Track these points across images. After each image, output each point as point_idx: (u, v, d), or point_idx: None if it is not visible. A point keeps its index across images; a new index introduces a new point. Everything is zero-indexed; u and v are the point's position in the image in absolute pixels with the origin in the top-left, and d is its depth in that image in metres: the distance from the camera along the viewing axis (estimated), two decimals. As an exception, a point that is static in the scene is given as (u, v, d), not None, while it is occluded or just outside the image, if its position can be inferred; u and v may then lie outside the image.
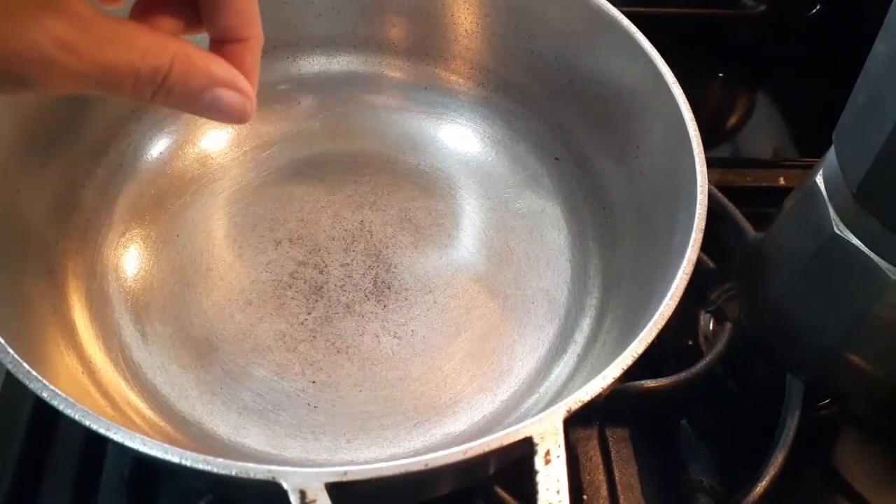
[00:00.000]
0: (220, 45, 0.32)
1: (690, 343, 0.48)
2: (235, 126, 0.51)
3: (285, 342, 0.44)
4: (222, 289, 0.46)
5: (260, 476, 0.29)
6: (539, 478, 0.30)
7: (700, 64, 0.64)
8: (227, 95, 0.30)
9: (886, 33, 0.33)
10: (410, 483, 0.33)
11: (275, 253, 0.47)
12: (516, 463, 0.35)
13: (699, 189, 0.38)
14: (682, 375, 0.44)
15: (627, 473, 0.43)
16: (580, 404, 0.32)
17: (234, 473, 0.29)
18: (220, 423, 0.41)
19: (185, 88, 0.29)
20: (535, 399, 0.42)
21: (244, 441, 0.41)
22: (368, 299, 0.46)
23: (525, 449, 0.31)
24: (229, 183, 0.50)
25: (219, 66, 0.30)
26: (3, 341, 0.32)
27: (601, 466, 0.43)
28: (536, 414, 0.31)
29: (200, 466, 0.29)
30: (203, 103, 0.29)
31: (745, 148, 0.64)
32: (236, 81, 0.30)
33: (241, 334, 0.44)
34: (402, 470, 0.29)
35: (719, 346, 0.46)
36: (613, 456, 0.44)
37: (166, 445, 0.30)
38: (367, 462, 0.35)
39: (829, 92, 0.43)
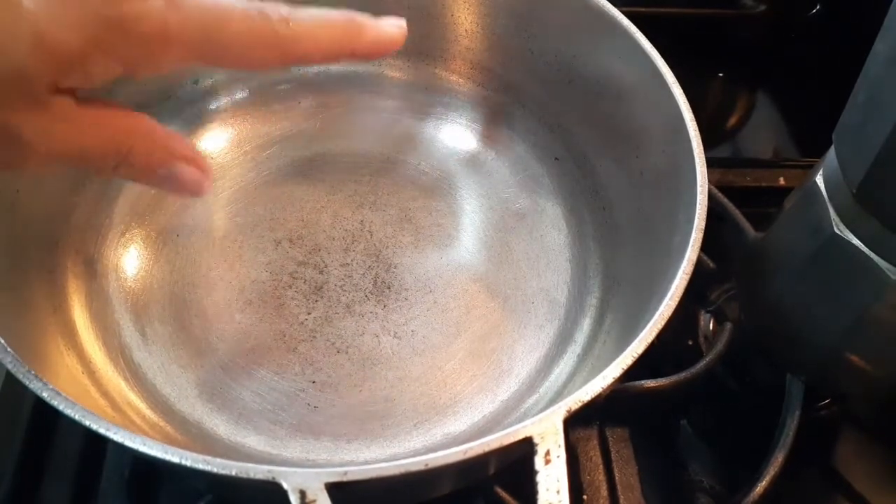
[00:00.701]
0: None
1: (690, 343, 0.48)
2: (235, 126, 0.51)
3: (285, 342, 0.44)
4: (222, 289, 0.46)
5: (260, 476, 0.29)
6: (539, 478, 0.30)
7: (700, 64, 0.64)
8: (184, 169, 0.32)
9: (886, 33, 0.33)
10: (410, 483, 0.33)
11: (275, 253, 0.47)
12: (516, 463, 0.35)
13: (699, 189, 0.38)
14: (682, 375, 0.44)
15: (627, 473, 0.43)
16: (580, 404, 0.32)
17: (234, 473, 0.29)
18: (220, 423, 0.41)
19: (145, 163, 0.31)
20: (535, 399, 0.42)
21: (244, 441, 0.41)
22: (368, 299, 0.46)
23: (525, 449, 0.31)
24: (229, 183, 0.50)
25: (178, 143, 0.32)
26: (3, 341, 0.32)
27: (601, 466, 0.43)
28: (536, 414, 0.31)
29: (200, 466, 0.29)
30: (161, 176, 0.32)
31: (745, 148, 0.64)
32: (194, 157, 0.32)
33: (241, 334, 0.44)
34: (402, 470, 0.29)
35: (719, 346, 0.46)
36: (613, 456, 0.44)
37: (166, 445, 0.30)
38: (367, 462, 0.35)
39: (829, 92, 0.43)
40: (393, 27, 0.33)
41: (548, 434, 0.30)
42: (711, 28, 0.68)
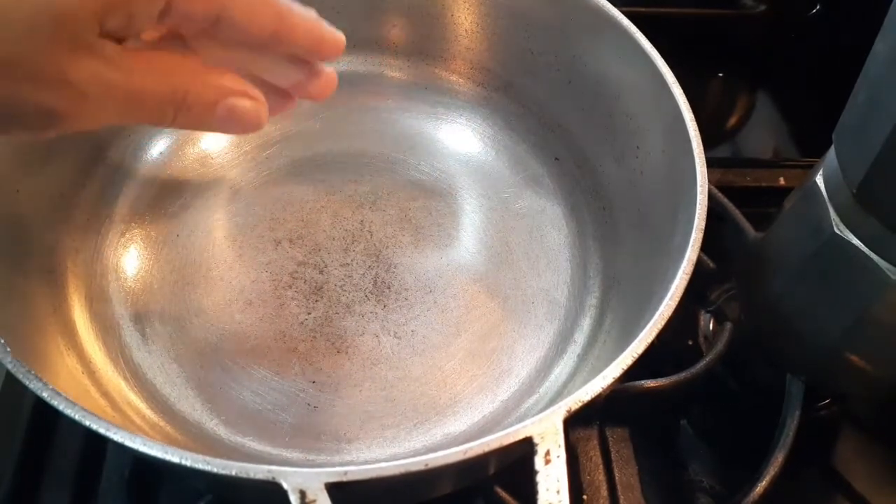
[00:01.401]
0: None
1: (690, 343, 0.48)
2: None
3: (285, 342, 0.44)
4: (222, 289, 0.46)
5: (260, 476, 0.29)
6: (539, 478, 0.30)
7: (700, 64, 0.64)
8: (241, 103, 0.31)
9: (886, 33, 0.33)
10: (410, 483, 0.33)
11: (275, 253, 0.47)
12: (516, 463, 0.35)
13: (699, 189, 0.38)
14: (682, 375, 0.44)
15: (627, 473, 0.43)
16: (580, 404, 0.32)
17: (234, 473, 0.29)
18: (220, 423, 0.41)
19: (201, 103, 0.30)
20: (535, 399, 0.42)
21: (244, 441, 0.41)
22: (368, 299, 0.46)
23: (525, 449, 0.31)
24: (229, 183, 0.50)
25: (231, 79, 0.31)
26: (3, 341, 0.32)
27: (601, 466, 0.43)
28: (536, 414, 0.31)
29: (200, 466, 0.29)
30: (218, 114, 0.31)
31: (745, 148, 0.64)
32: (247, 90, 0.32)
33: (241, 334, 0.44)
34: (402, 470, 0.29)
35: (719, 346, 0.46)
36: (613, 456, 0.44)
37: (166, 445, 0.30)
38: (367, 462, 0.35)
39: (829, 92, 0.43)
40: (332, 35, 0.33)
41: (548, 434, 0.30)
42: (711, 28, 0.68)
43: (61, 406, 0.31)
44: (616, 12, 0.45)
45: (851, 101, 0.36)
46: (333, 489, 0.29)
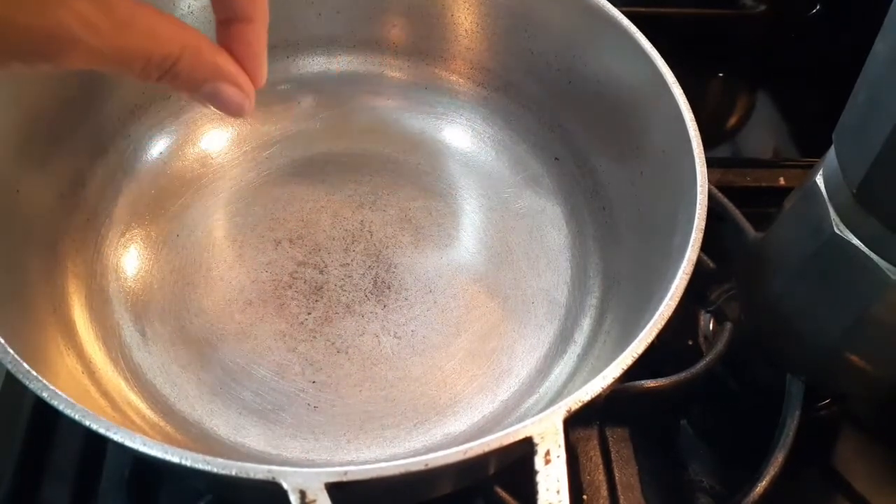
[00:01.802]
0: (227, 25, 0.33)
1: (690, 343, 0.48)
2: (235, 126, 0.51)
3: (285, 342, 0.44)
4: (222, 289, 0.46)
5: (260, 476, 0.29)
6: (539, 478, 0.30)
7: (700, 64, 0.64)
8: (228, 89, 0.31)
9: (886, 33, 0.33)
10: (410, 483, 0.33)
11: (275, 253, 0.47)
12: (516, 463, 0.35)
13: (699, 189, 0.38)
14: (682, 375, 0.44)
15: (627, 473, 0.43)
16: (580, 404, 0.32)
17: (234, 473, 0.29)
18: (220, 423, 0.41)
19: (189, 77, 0.30)
20: (535, 399, 0.42)
21: (244, 441, 0.41)
22: (368, 299, 0.46)
23: (525, 449, 0.31)
24: (229, 183, 0.50)
25: (225, 61, 0.31)
26: (3, 341, 0.32)
27: (601, 466, 0.43)
28: (536, 414, 0.31)
29: (200, 466, 0.29)
30: (204, 92, 0.31)
31: (745, 148, 0.64)
32: (237, 77, 0.32)
33: (241, 334, 0.44)
34: (402, 470, 0.29)
35: (719, 346, 0.46)
36: (613, 456, 0.44)
37: (166, 445, 0.30)
38: (367, 462, 0.35)
39: (829, 92, 0.43)
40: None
41: (548, 434, 0.30)
42: (711, 28, 0.68)
43: (61, 406, 0.31)
44: (616, 12, 0.45)
45: (851, 101, 0.36)
46: (333, 489, 0.29)
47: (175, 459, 0.29)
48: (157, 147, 0.49)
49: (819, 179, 0.39)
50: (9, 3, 0.26)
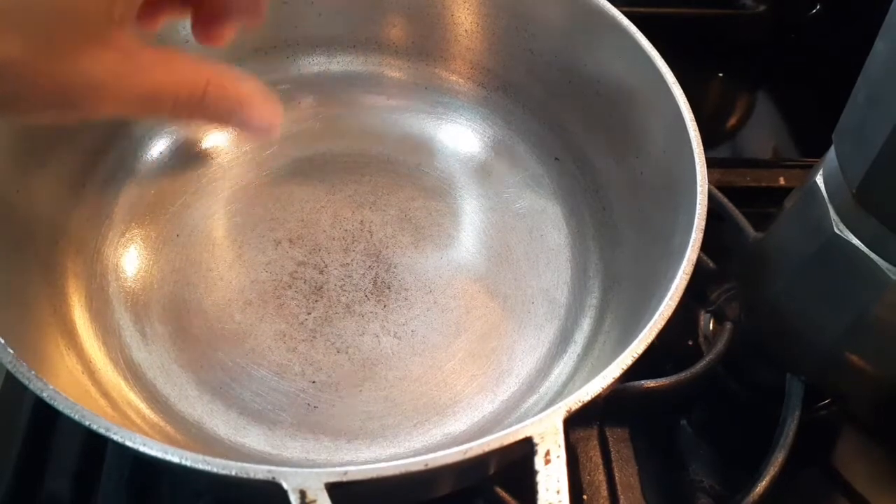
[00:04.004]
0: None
1: (690, 343, 0.48)
2: (236, 126, 0.51)
3: (285, 342, 0.44)
4: (222, 289, 0.46)
5: (260, 476, 0.29)
6: (539, 478, 0.30)
7: (700, 64, 0.64)
8: (257, 116, 0.33)
9: (886, 33, 0.33)
10: (410, 483, 0.33)
11: (275, 253, 0.47)
12: (516, 463, 0.35)
13: (699, 189, 0.38)
14: (683, 375, 0.44)
15: (627, 473, 0.43)
16: (580, 404, 0.32)
17: (233, 474, 0.29)
18: (220, 424, 0.41)
19: (218, 107, 0.31)
20: (535, 399, 0.42)
21: (244, 441, 0.41)
22: (368, 299, 0.46)
23: (525, 449, 0.31)
24: (229, 183, 0.50)
25: (249, 87, 0.32)
26: (3, 341, 0.32)
27: (601, 466, 0.43)
28: (536, 414, 0.31)
29: (200, 466, 0.29)
30: (234, 122, 0.33)
31: (745, 148, 0.65)
32: (265, 103, 0.33)
33: (241, 334, 0.44)
34: (402, 470, 0.29)
35: (719, 346, 0.46)
36: (613, 456, 0.44)
37: (166, 445, 0.30)
38: (367, 462, 0.35)
39: (829, 92, 0.43)
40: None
41: (548, 434, 0.30)
42: (711, 28, 0.68)
43: (61, 406, 0.31)
44: (616, 12, 0.45)
45: (851, 101, 0.36)
46: (333, 489, 0.29)
47: (175, 459, 0.29)
48: (157, 147, 0.49)
49: (819, 179, 0.39)
50: (41, 56, 0.27)
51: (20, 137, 0.41)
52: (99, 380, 0.40)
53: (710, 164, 0.40)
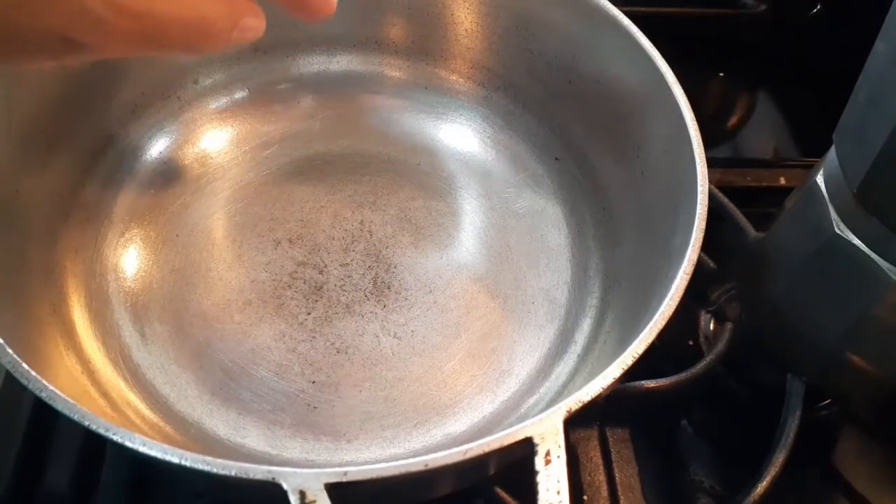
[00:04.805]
0: None
1: (691, 343, 0.48)
2: (235, 126, 0.51)
3: (285, 342, 0.44)
4: (222, 289, 0.46)
5: (260, 476, 0.29)
6: (539, 478, 0.30)
7: (700, 64, 0.64)
8: (251, 23, 0.30)
9: (886, 33, 0.33)
10: (410, 483, 0.33)
11: (274, 253, 0.47)
12: (516, 463, 0.35)
13: (699, 189, 0.38)
14: (683, 376, 0.44)
15: (628, 474, 0.43)
16: (580, 404, 0.32)
17: (233, 474, 0.29)
18: (220, 424, 0.41)
19: (219, 32, 0.29)
20: (536, 399, 0.42)
21: (244, 441, 0.41)
22: (368, 299, 0.46)
23: (525, 449, 0.30)
24: (229, 183, 0.50)
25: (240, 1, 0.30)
26: (2, 341, 0.32)
27: (601, 467, 0.43)
28: (536, 414, 0.31)
29: (200, 467, 0.29)
30: (232, 40, 0.30)
31: (745, 148, 0.64)
32: (253, 7, 0.30)
33: (241, 334, 0.44)
34: (402, 470, 0.29)
35: (720, 346, 0.46)
36: (614, 456, 0.44)
37: (166, 445, 0.30)
38: (367, 462, 0.35)
39: (829, 92, 0.43)
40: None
41: (548, 434, 0.30)
42: (711, 28, 0.68)
43: (60, 406, 0.31)
44: (616, 12, 0.45)
45: (851, 101, 0.36)
46: (333, 489, 0.29)
47: (174, 460, 0.29)
48: (157, 147, 0.49)
49: (819, 179, 0.39)
50: (25, 5, 0.25)
51: (20, 137, 0.42)
52: (98, 380, 0.40)
53: (711, 163, 0.40)
